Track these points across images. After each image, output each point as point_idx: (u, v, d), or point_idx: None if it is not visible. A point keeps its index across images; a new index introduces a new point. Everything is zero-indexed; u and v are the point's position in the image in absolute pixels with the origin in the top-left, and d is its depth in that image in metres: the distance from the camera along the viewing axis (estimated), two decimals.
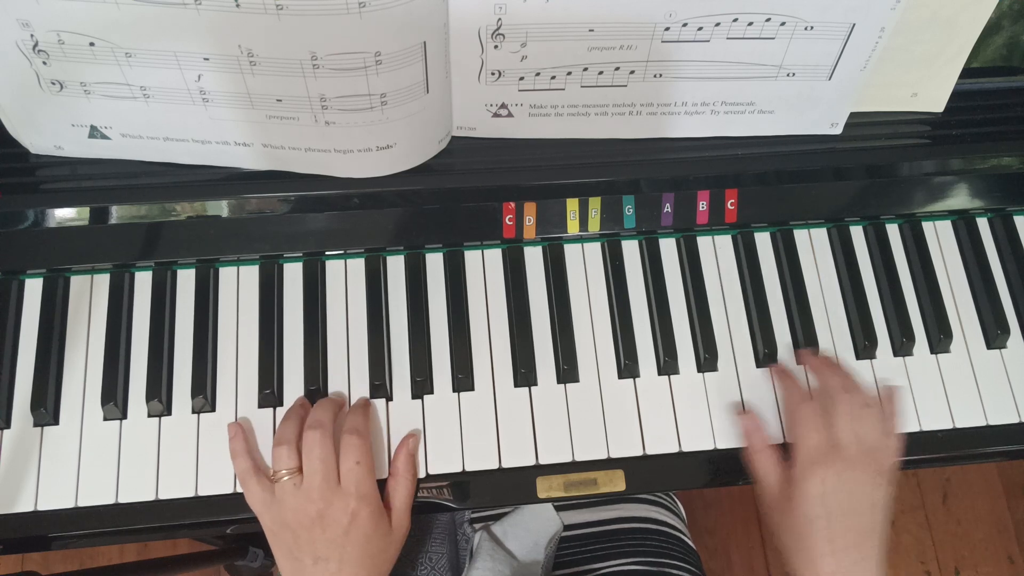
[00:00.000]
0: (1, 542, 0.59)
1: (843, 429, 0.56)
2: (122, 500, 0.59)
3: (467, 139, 0.65)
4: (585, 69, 0.60)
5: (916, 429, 0.64)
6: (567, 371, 0.64)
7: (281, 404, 0.63)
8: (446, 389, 0.63)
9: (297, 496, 0.55)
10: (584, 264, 0.67)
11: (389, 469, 0.60)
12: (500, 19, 0.56)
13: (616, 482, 0.62)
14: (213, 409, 0.62)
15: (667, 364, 0.64)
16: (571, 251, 0.67)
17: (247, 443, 0.60)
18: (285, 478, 0.55)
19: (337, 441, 0.57)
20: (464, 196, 0.65)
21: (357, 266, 0.66)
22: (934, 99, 0.67)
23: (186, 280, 0.65)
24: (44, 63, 0.55)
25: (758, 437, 0.61)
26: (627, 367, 0.64)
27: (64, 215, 0.63)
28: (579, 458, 0.62)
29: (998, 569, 1.41)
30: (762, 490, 0.59)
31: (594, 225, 0.66)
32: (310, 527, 0.54)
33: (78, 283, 0.65)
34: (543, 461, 0.62)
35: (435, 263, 0.67)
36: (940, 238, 0.70)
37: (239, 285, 0.65)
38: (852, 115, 0.66)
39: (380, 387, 0.63)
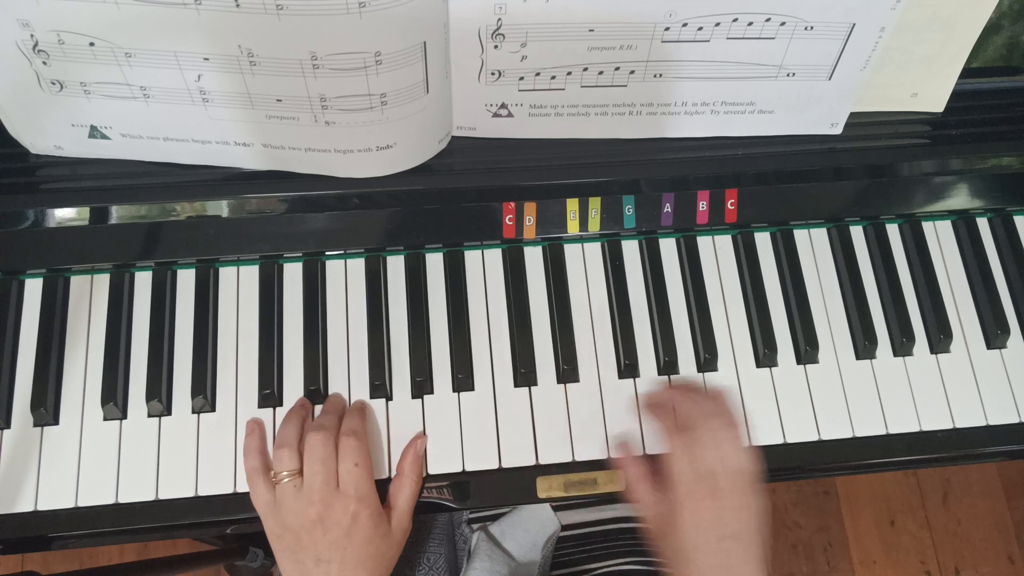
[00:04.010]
0: (1, 542, 0.59)
1: (707, 459, 0.56)
2: (122, 500, 0.59)
3: (467, 139, 0.65)
4: (585, 69, 0.60)
5: (916, 429, 0.64)
6: (567, 371, 0.64)
7: (281, 404, 0.63)
8: (446, 389, 0.63)
9: (298, 498, 0.55)
10: (584, 264, 0.67)
11: (396, 468, 0.60)
12: (500, 19, 0.56)
13: (616, 482, 0.62)
14: (213, 409, 0.62)
15: (667, 364, 0.64)
16: (571, 251, 0.67)
17: (262, 442, 0.60)
18: (286, 480, 0.55)
19: (336, 444, 0.57)
20: (464, 196, 0.65)
21: (357, 266, 0.66)
22: (934, 99, 0.67)
23: (186, 280, 0.65)
24: (44, 63, 0.55)
25: (633, 469, 0.60)
26: (627, 367, 0.64)
27: (64, 215, 0.63)
28: (579, 458, 0.62)
29: (998, 569, 1.41)
30: (645, 516, 0.59)
31: (594, 225, 0.66)
32: (311, 529, 0.54)
33: (78, 283, 0.65)
34: (543, 461, 0.62)
35: (435, 263, 0.67)
36: (940, 238, 0.70)
37: (239, 285, 0.65)
38: (852, 115, 0.66)
39: (380, 387, 0.63)
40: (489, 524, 0.75)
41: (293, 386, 0.63)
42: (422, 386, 0.63)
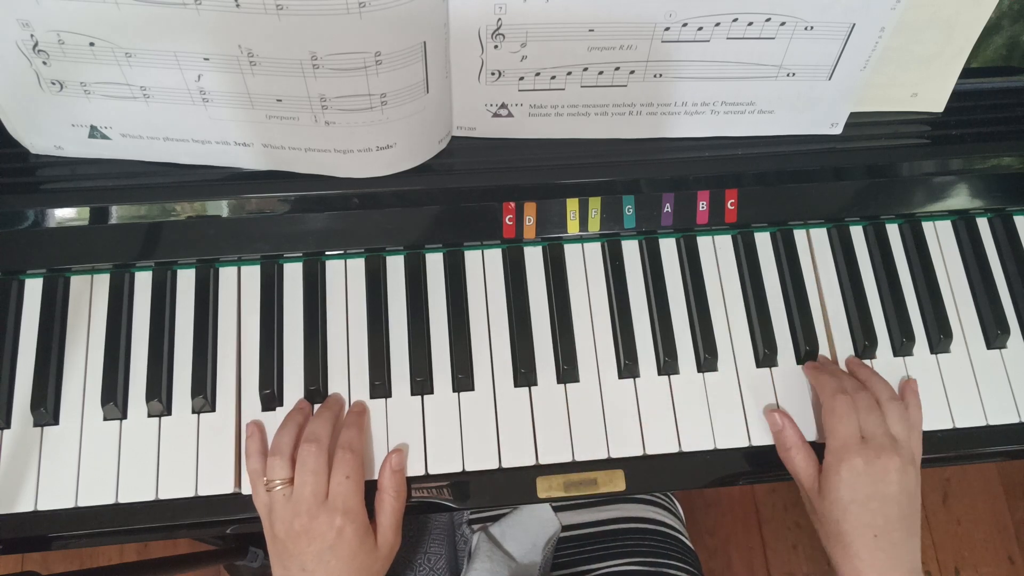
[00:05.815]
0: (1, 542, 0.59)
1: (870, 421, 0.58)
2: (122, 500, 0.59)
3: (467, 139, 0.65)
4: (585, 69, 0.60)
5: None
6: (567, 371, 0.64)
7: (281, 404, 0.63)
8: (446, 389, 0.63)
9: (287, 508, 0.55)
10: (584, 264, 0.67)
11: (377, 483, 0.59)
12: (500, 19, 0.56)
13: (616, 482, 0.62)
14: (213, 409, 0.62)
15: (667, 364, 0.64)
16: (571, 251, 0.67)
17: (262, 444, 0.60)
18: (278, 487, 0.56)
19: (331, 454, 0.57)
20: (464, 196, 0.65)
21: (357, 266, 0.66)
22: (934, 99, 0.67)
23: (186, 280, 0.65)
24: (44, 63, 0.55)
25: (790, 433, 0.61)
26: (627, 367, 0.64)
27: (64, 215, 0.63)
28: (579, 458, 0.62)
29: (998, 569, 1.41)
30: (800, 484, 0.60)
31: (594, 225, 0.66)
32: (296, 539, 0.54)
33: (78, 283, 0.65)
34: (543, 461, 0.62)
35: (435, 263, 0.67)
36: (940, 238, 0.70)
37: (239, 285, 0.65)
38: (852, 115, 0.66)
39: (380, 387, 0.63)
40: (489, 524, 0.75)
41: (293, 386, 0.63)
42: (422, 386, 0.63)
